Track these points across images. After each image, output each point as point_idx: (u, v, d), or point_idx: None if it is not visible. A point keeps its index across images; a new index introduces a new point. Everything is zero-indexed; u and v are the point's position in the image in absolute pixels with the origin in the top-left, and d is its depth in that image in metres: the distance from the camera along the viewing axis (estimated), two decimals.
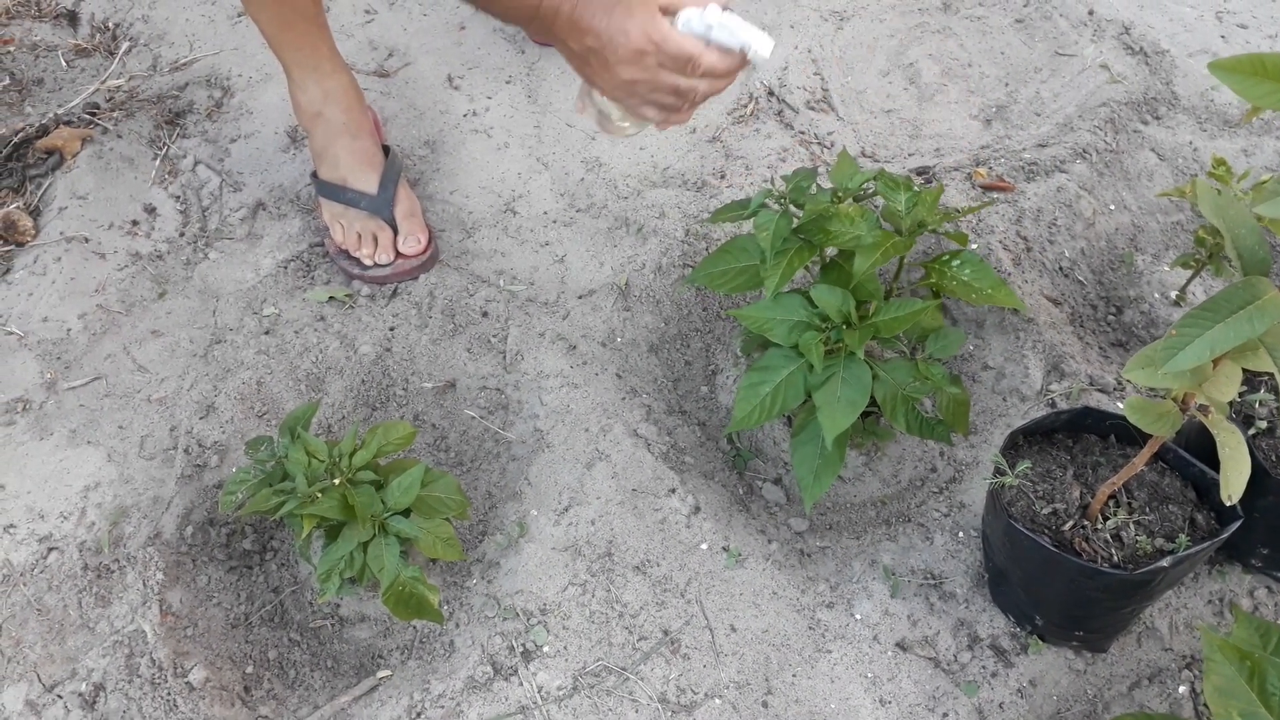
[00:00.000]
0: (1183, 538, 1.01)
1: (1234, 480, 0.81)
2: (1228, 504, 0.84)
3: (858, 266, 1.07)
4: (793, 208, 1.14)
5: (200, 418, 1.37)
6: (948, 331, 1.15)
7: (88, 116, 1.71)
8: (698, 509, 1.25)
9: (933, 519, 1.25)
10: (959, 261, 1.15)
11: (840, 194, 1.13)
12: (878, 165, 1.61)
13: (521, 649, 1.16)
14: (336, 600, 1.25)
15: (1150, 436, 0.97)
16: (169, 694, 1.14)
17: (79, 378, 1.41)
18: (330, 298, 1.48)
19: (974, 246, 1.45)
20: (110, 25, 1.92)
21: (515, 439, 1.34)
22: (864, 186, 1.15)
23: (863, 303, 1.12)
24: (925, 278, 1.18)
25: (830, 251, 1.19)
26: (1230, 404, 1.01)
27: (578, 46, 0.97)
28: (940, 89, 1.73)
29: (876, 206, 1.50)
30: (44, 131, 1.69)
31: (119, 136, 1.68)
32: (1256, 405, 1.12)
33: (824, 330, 1.09)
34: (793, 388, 1.09)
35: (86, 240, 1.55)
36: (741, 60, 0.98)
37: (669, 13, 0.98)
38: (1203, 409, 0.84)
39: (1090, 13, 1.80)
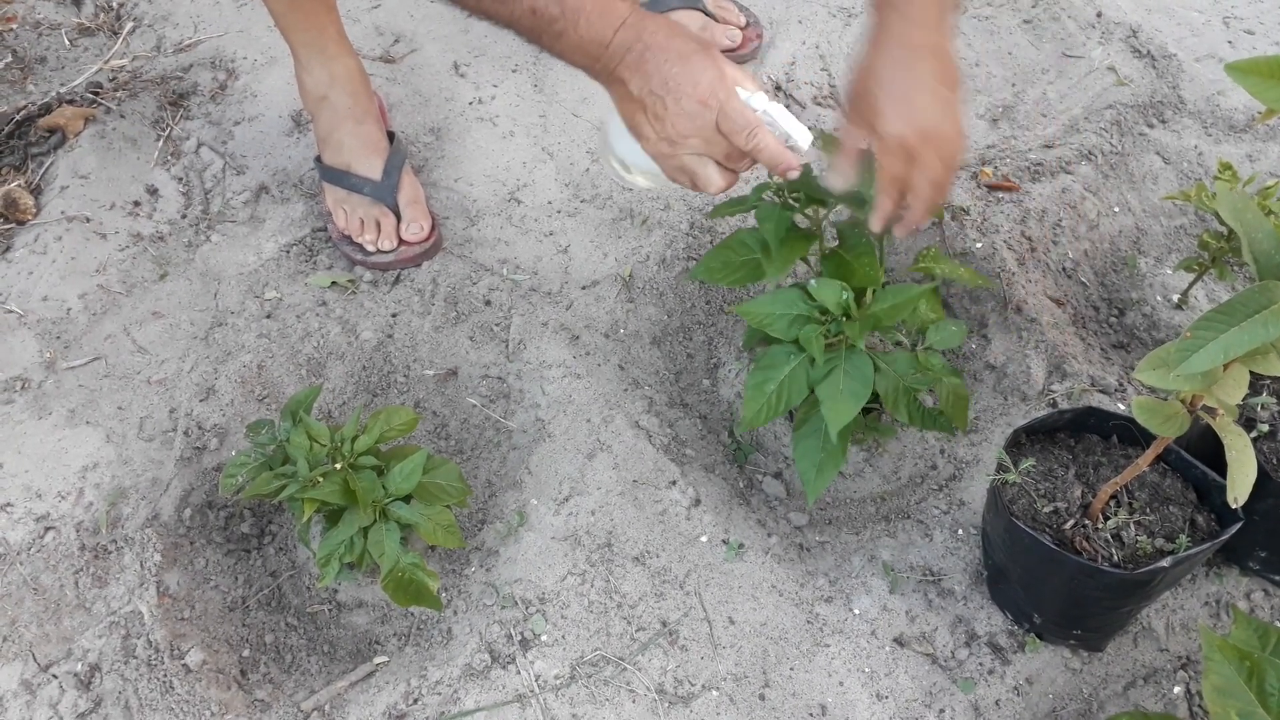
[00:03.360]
0: (1183, 538, 1.02)
1: (1240, 483, 0.81)
2: (1234, 506, 0.84)
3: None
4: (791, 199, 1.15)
5: (200, 400, 1.36)
6: (948, 323, 1.15)
7: (91, 96, 1.70)
8: (698, 501, 1.25)
9: (932, 516, 1.25)
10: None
11: None
12: None
13: (520, 637, 1.16)
14: (335, 585, 1.25)
15: (1154, 437, 0.97)
16: (165, 676, 1.14)
17: (78, 357, 1.40)
18: (332, 283, 1.48)
19: (979, 245, 1.45)
20: (114, 4, 1.90)
21: (516, 428, 1.34)
22: None
23: (861, 293, 1.12)
24: (916, 263, 1.21)
25: (830, 243, 1.19)
26: None
27: (638, 90, 0.94)
28: None
29: None
30: (46, 110, 1.68)
31: (122, 116, 1.67)
32: (1258, 409, 1.12)
33: (824, 323, 1.09)
34: (796, 383, 1.09)
35: (88, 220, 1.54)
36: (791, 157, 0.98)
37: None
38: (1210, 411, 0.85)
39: (1098, 15, 1.81)
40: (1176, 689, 1.13)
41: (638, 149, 1.04)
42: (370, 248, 1.49)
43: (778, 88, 1.71)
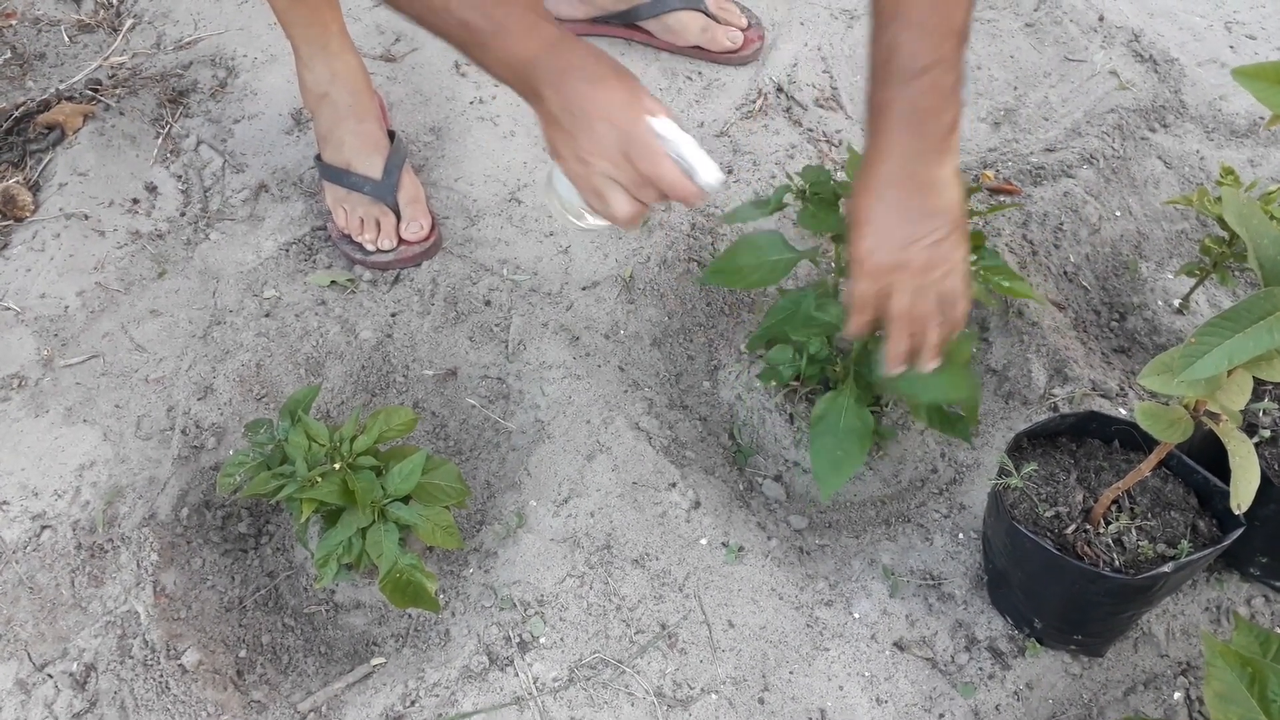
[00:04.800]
0: (1184, 544, 1.02)
1: (1243, 489, 0.81)
2: (1237, 512, 0.84)
3: None
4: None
5: (198, 399, 1.36)
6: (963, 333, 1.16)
7: (90, 93, 1.70)
8: (698, 504, 1.24)
9: (933, 520, 1.25)
10: (975, 258, 1.17)
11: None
12: None
13: (518, 639, 1.15)
14: (332, 586, 1.24)
15: (1156, 442, 0.97)
16: (161, 676, 1.13)
17: (76, 355, 1.39)
18: (332, 282, 1.47)
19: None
20: (114, 1, 1.90)
21: (515, 429, 1.34)
22: None
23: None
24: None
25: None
26: None
27: (556, 107, 0.95)
28: None
29: None
30: (45, 106, 1.67)
31: (121, 114, 1.66)
32: (1260, 414, 1.12)
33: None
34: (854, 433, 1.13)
35: (86, 217, 1.53)
36: (691, 187, 0.95)
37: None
38: (1213, 416, 0.84)
39: (1100, 19, 1.81)
40: (1176, 695, 1.13)
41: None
42: (370, 247, 1.48)
43: (779, 90, 1.70)
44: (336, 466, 1.07)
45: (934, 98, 0.93)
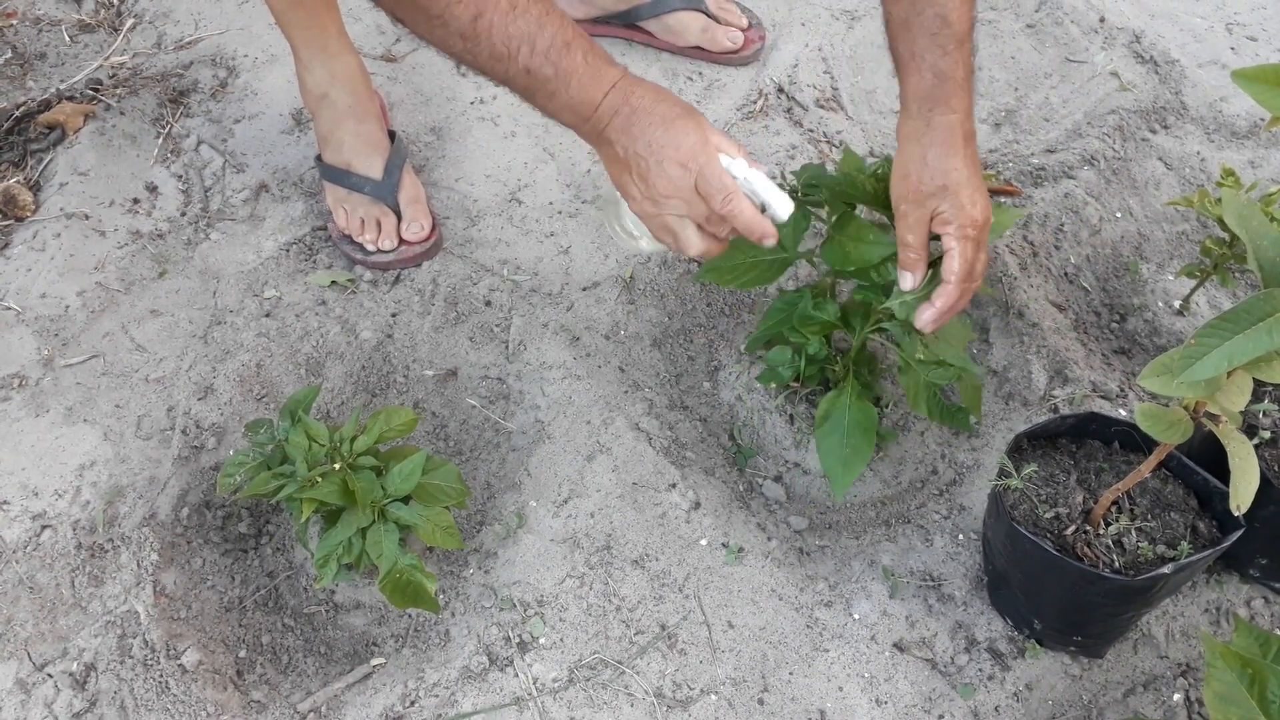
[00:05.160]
0: (1184, 545, 1.02)
1: (1243, 490, 0.81)
2: (1236, 514, 0.84)
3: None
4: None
5: (198, 399, 1.36)
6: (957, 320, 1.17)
7: (91, 92, 1.70)
8: (698, 504, 1.24)
9: (933, 521, 1.25)
10: None
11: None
12: None
13: (518, 640, 1.15)
14: (332, 586, 1.24)
15: (1156, 443, 0.97)
16: (161, 676, 1.13)
17: (76, 355, 1.39)
18: (332, 282, 1.47)
19: None
20: (114, 1, 1.90)
21: (516, 429, 1.34)
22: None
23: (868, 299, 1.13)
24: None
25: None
26: None
27: (625, 151, 0.97)
28: None
29: None
30: (46, 106, 1.67)
31: (122, 113, 1.66)
32: (1260, 415, 1.12)
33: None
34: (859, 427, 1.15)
35: (87, 217, 1.53)
36: (766, 224, 0.98)
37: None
38: (1213, 418, 0.84)
39: (1101, 20, 1.81)
40: (1176, 696, 1.13)
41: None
42: (370, 247, 1.48)
43: (780, 90, 1.70)
44: (336, 466, 1.07)
45: (970, 56, 1.00)
